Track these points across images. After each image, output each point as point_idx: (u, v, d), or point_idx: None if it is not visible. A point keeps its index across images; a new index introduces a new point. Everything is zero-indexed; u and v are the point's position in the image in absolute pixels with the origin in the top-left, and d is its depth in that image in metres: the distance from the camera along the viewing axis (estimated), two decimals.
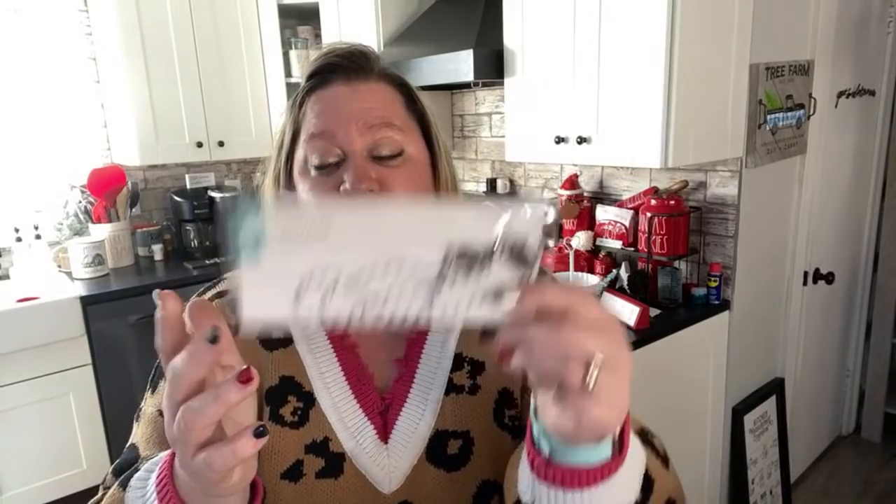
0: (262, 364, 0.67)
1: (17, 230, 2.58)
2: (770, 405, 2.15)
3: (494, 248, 0.40)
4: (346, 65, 0.66)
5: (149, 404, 0.68)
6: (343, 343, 0.69)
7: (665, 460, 0.57)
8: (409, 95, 0.69)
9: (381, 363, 0.70)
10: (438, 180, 0.70)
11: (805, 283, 2.21)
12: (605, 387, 0.39)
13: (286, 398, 0.66)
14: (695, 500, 1.99)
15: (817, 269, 2.25)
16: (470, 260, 0.40)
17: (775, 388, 2.18)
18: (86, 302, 2.28)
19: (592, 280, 1.87)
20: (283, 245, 0.39)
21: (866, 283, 2.67)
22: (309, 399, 0.66)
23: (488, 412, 0.68)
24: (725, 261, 1.91)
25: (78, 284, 2.42)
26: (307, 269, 0.39)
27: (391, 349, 0.70)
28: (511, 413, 0.69)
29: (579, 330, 0.39)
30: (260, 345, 0.68)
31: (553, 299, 0.40)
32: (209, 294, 0.72)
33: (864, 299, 2.67)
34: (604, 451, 0.45)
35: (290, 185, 0.67)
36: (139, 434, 0.66)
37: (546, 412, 0.43)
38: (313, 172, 0.63)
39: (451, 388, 0.68)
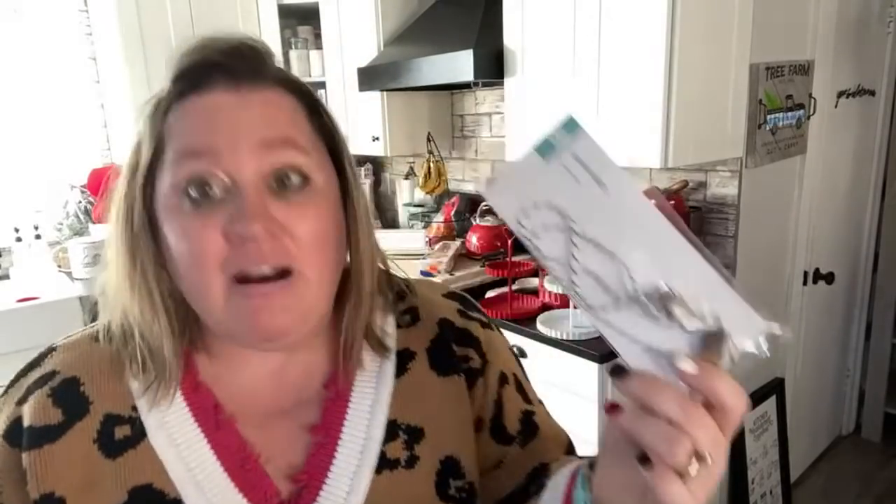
0: (103, 479, 0.51)
1: (17, 230, 2.58)
2: (770, 405, 2.15)
3: (703, 317, 0.39)
4: (230, 64, 0.50)
5: None
6: (215, 420, 0.54)
7: None
8: (312, 107, 0.54)
9: (287, 432, 0.56)
10: (350, 215, 0.55)
11: (805, 283, 2.21)
12: (699, 479, 0.38)
13: None
14: None
15: (817, 269, 2.25)
16: (672, 306, 0.39)
17: (775, 388, 2.18)
18: (86, 302, 2.28)
19: None
20: (567, 161, 0.40)
21: (866, 283, 2.66)
22: None
23: (430, 486, 0.57)
24: (725, 261, 1.91)
25: (78, 284, 2.42)
26: (560, 197, 0.40)
27: (300, 412, 0.57)
28: (458, 484, 0.59)
29: (713, 428, 0.37)
30: (99, 451, 0.51)
31: (720, 393, 0.38)
32: (28, 382, 0.55)
33: (864, 299, 2.67)
34: None
35: (149, 224, 0.50)
36: None
37: (615, 480, 0.42)
38: (187, 206, 0.47)
39: (384, 463, 0.56)
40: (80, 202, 2.67)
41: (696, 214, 1.93)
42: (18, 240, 2.58)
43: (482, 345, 0.64)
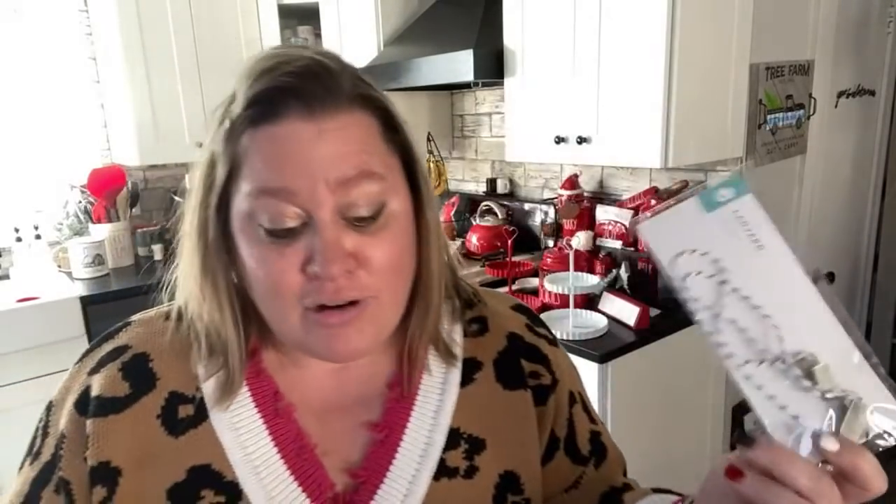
0: (163, 454, 0.52)
1: (17, 230, 2.58)
2: None
3: (844, 388, 0.40)
4: (303, 88, 0.47)
5: (25, 478, 0.55)
6: (275, 407, 0.55)
7: None
8: (388, 122, 0.51)
9: (346, 427, 0.56)
10: (423, 228, 0.54)
11: None
12: None
13: (198, 494, 0.51)
14: None
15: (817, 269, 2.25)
16: (815, 373, 0.40)
17: None
18: (86, 302, 2.28)
19: (592, 280, 1.87)
20: (728, 216, 0.42)
21: (866, 283, 2.66)
22: (233, 491, 0.52)
23: (487, 500, 0.57)
24: None
25: (78, 284, 2.42)
26: (717, 249, 0.42)
27: (361, 409, 0.57)
28: (516, 499, 0.59)
29: (840, 501, 0.39)
30: (162, 427, 0.53)
31: (862, 472, 0.39)
32: (101, 354, 0.56)
33: (864, 299, 2.67)
34: None
35: (224, 239, 0.50)
36: None
37: None
38: (263, 235, 0.47)
39: (443, 471, 0.56)
40: (80, 202, 2.67)
41: None
42: (18, 240, 2.58)
43: (551, 363, 0.64)
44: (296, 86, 0.47)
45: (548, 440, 0.63)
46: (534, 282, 2.09)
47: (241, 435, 0.53)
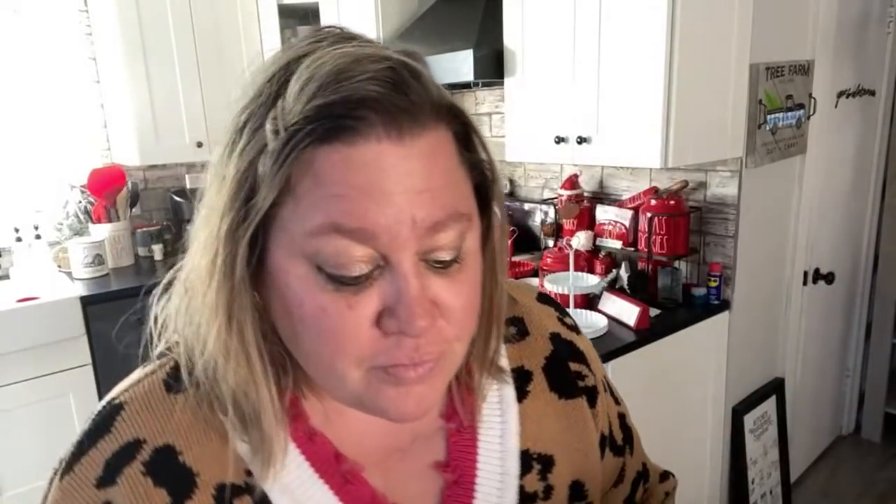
0: None
1: (17, 230, 2.58)
2: (770, 405, 2.15)
3: None
4: (388, 100, 0.37)
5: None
6: (341, 473, 0.47)
7: None
8: (465, 137, 0.43)
9: (412, 473, 0.50)
10: (488, 262, 0.45)
11: (805, 283, 2.21)
12: None
13: None
14: (695, 500, 1.99)
15: (817, 269, 2.25)
16: None
17: (775, 388, 2.18)
18: (86, 302, 2.28)
19: (592, 280, 1.87)
20: None
21: (866, 283, 2.66)
22: None
23: None
24: (725, 261, 1.91)
25: (78, 284, 2.42)
26: None
27: (421, 448, 0.50)
28: None
29: None
30: (213, 497, 0.44)
31: None
32: (102, 456, 0.44)
33: (864, 299, 2.67)
34: None
35: (256, 275, 0.40)
36: None
37: None
38: (323, 281, 0.38)
39: (525, 498, 0.51)
40: (80, 202, 2.67)
41: (696, 214, 1.93)
42: (18, 240, 2.57)
43: (587, 358, 0.60)
44: (380, 97, 0.37)
45: (599, 441, 0.60)
46: (534, 282, 2.09)
47: None
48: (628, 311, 1.72)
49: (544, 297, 0.63)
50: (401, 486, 0.49)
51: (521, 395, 0.55)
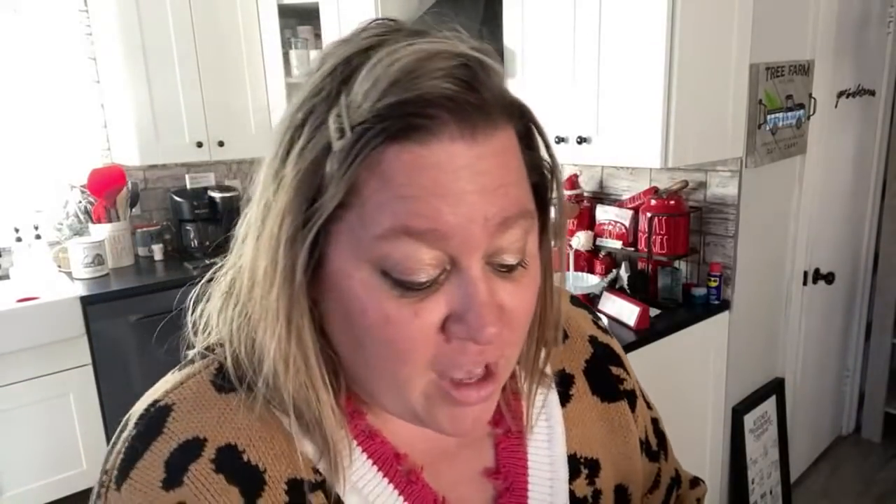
0: None
1: (17, 230, 2.58)
2: (770, 405, 2.15)
3: None
4: (461, 97, 0.36)
5: None
6: (404, 473, 0.46)
7: None
8: (527, 135, 0.43)
9: (463, 478, 0.49)
10: (544, 258, 0.45)
11: (805, 283, 2.21)
12: None
13: None
14: None
15: (817, 269, 2.25)
16: None
17: (775, 388, 2.18)
18: (86, 302, 2.28)
19: (592, 280, 1.87)
20: None
21: (866, 283, 2.66)
22: None
23: None
24: (725, 261, 1.91)
25: (78, 284, 2.42)
26: None
27: (468, 453, 0.50)
28: None
29: None
30: (286, 492, 0.43)
31: None
32: (160, 457, 0.42)
33: (864, 299, 2.67)
34: None
35: (315, 271, 0.39)
36: None
37: None
38: (389, 287, 0.37)
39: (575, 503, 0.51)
40: (80, 202, 2.67)
41: (696, 214, 1.94)
42: (18, 240, 2.58)
43: (623, 361, 0.61)
44: (453, 95, 0.35)
45: (639, 444, 0.60)
46: None
47: None
48: (628, 311, 1.72)
49: (578, 301, 0.63)
50: (453, 491, 0.48)
51: (565, 398, 0.55)
